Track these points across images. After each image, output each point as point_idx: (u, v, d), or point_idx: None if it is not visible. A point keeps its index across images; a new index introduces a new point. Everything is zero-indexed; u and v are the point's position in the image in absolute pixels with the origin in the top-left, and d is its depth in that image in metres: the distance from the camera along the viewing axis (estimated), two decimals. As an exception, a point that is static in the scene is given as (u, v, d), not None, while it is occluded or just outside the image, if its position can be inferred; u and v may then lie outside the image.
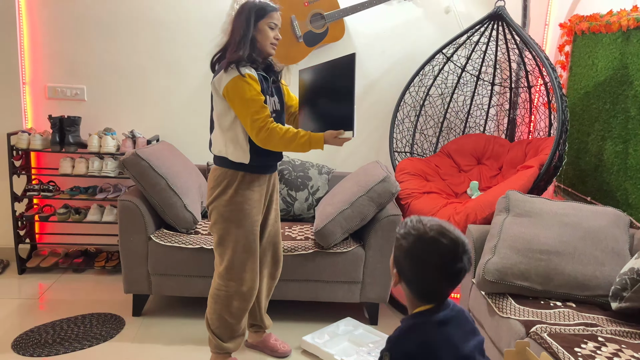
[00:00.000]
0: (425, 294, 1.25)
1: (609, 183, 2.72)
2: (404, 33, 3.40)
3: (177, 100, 3.38)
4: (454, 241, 1.20)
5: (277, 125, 2.00)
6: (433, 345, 1.19)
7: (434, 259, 1.20)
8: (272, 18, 2.06)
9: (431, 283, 1.22)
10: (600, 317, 1.99)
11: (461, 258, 1.19)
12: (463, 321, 1.27)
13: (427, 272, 1.21)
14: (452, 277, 1.21)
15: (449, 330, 1.22)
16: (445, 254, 1.19)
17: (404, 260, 1.24)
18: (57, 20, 3.21)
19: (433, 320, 1.22)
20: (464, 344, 1.23)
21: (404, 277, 1.25)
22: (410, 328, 1.23)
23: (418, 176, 3.11)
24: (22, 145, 3.08)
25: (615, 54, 2.70)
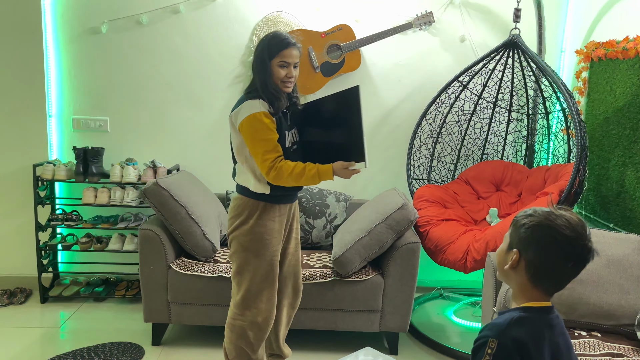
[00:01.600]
0: (545, 277, 1.20)
1: (632, 209, 2.68)
2: (419, 62, 3.44)
3: (197, 130, 3.45)
4: (582, 221, 1.19)
5: (284, 163, 2.01)
6: (542, 342, 1.16)
7: (566, 230, 1.16)
8: (282, 57, 2.03)
9: (557, 260, 1.18)
10: (626, 347, 1.94)
11: (590, 238, 1.17)
12: (566, 333, 1.24)
13: (557, 244, 1.17)
14: (580, 257, 1.17)
15: (556, 337, 1.20)
16: (576, 228, 1.17)
17: (532, 234, 1.19)
18: (82, 55, 3.33)
19: (545, 319, 1.20)
20: (562, 354, 1.21)
21: (526, 254, 1.20)
22: (522, 320, 1.18)
23: (436, 203, 3.10)
24: (47, 176, 3.16)
25: (633, 79, 2.69)
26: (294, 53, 2.06)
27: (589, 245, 1.17)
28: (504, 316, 1.20)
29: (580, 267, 1.19)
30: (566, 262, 1.18)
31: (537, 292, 1.22)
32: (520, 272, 1.23)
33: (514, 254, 1.22)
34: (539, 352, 1.15)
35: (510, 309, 1.24)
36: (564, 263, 1.18)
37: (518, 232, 1.23)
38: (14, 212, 3.36)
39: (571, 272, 1.20)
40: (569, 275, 1.20)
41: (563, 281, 1.21)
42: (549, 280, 1.21)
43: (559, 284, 1.21)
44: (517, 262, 1.22)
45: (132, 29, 3.32)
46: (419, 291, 3.49)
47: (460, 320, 3.19)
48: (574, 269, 1.19)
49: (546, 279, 1.21)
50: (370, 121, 3.49)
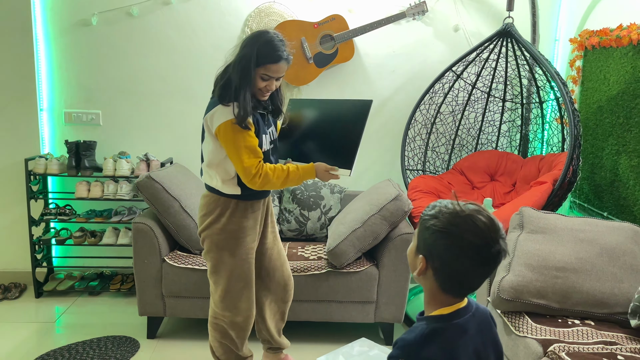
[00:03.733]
0: (455, 283, 1.13)
1: (625, 198, 2.68)
2: (413, 52, 3.43)
3: (190, 123, 3.42)
4: (491, 220, 1.11)
5: (267, 168, 1.95)
6: (455, 354, 1.10)
7: (471, 237, 1.08)
8: (267, 70, 1.92)
9: (465, 268, 1.10)
10: (619, 335, 1.95)
11: (498, 240, 1.09)
12: (486, 328, 1.19)
13: (463, 253, 1.09)
14: (489, 261, 1.10)
15: (472, 339, 1.13)
16: (483, 232, 1.08)
17: (436, 241, 1.11)
18: (73, 48, 3.30)
19: (455, 326, 1.12)
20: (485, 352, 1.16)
21: (433, 262, 1.13)
22: (432, 334, 1.10)
23: (431, 194, 3.10)
24: (40, 170, 3.14)
25: (627, 67, 2.68)
26: (282, 67, 1.94)
27: (497, 249, 1.09)
28: (415, 329, 1.13)
29: (492, 268, 1.12)
30: (475, 269, 1.10)
31: (448, 298, 1.15)
32: (429, 279, 1.15)
33: (420, 260, 1.15)
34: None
35: (423, 317, 1.17)
36: (473, 270, 1.10)
37: (424, 235, 1.15)
38: (7, 207, 3.34)
39: (482, 275, 1.13)
40: (481, 278, 1.13)
41: (474, 285, 1.14)
42: (458, 286, 1.14)
43: (471, 288, 1.14)
44: (425, 269, 1.15)
45: (123, 21, 3.29)
46: (413, 282, 3.50)
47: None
48: (486, 272, 1.12)
49: (456, 285, 1.14)
50: (364, 112, 3.48)
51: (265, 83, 1.95)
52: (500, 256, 1.10)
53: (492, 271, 1.13)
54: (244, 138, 1.91)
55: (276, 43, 1.92)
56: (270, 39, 1.91)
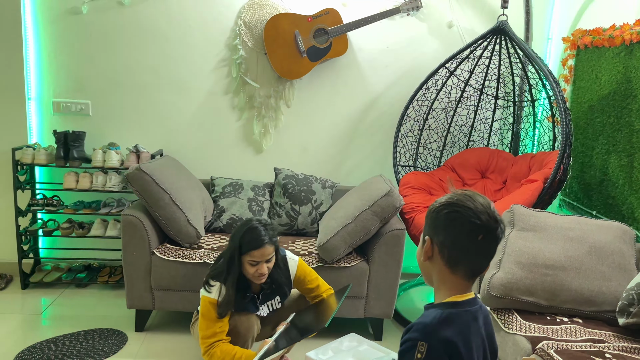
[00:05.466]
0: (460, 256, 1.17)
1: (614, 197, 2.70)
2: (407, 48, 3.42)
3: (181, 115, 3.39)
4: (484, 197, 1.20)
5: (218, 350, 2.08)
6: (469, 337, 1.14)
7: (470, 204, 1.16)
8: (252, 256, 2.07)
9: (468, 236, 1.16)
10: (607, 333, 1.97)
11: (494, 211, 1.17)
12: (489, 323, 1.24)
13: (463, 219, 1.16)
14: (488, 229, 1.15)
15: (480, 329, 1.19)
16: (481, 203, 1.17)
17: (438, 215, 1.20)
18: (62, 36, 3.24)
19: (468, 313, 1.17)
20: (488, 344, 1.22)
21: (437, 237, 1.19)
22: (448, 318, 1.14)
23: (422, 190, 3.10)
24: (27, 160, 3.09)
25: (618, 67, 2.70)
26: (266, 251, 2.08)
27: (493, 214, 1.16)
28: (430, 314, 1.16)
29: (492, 241, 1.17)
30: (475, 235, 1.15)
31: (457, 280, 1.19)
32: (436, 260, 1.20)
33: (426, 242, 1.21)
34: (468, 349, 1.13)
35: (434, 304, 1.20)
36: (474, 236, 1.15)
37: (428, 220, 1.23)
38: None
39: (484, 247, 1.17)
40: (484, 251, 1.18)
41: (479, 259, 1.18)
42: (464, 260, 1.18)
43: (476, 264, 1.18)
44: (432, 250, 1.20)
45: (114, 9, 3.24)
46: (403, 277, 3.51)
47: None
48: (486, 242, 1.16)
49: (461, 258, 1.18)
50: (357, 107, 3.47)
51: (254, 268, 2.10)
52: (498, 224, 1.16)
53: (493, 244, 1.17)
54: (209, 313, 2.10)
55: (259, 230, 2.07)
56: (254, 227, 2.08)
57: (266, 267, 2.11)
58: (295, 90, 3.41)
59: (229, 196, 3.10)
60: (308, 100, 3.43)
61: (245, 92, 3.38)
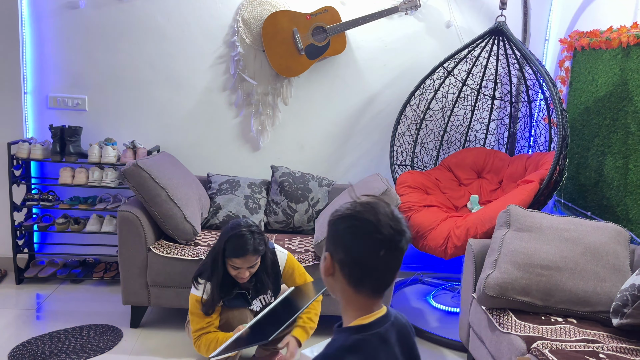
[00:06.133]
0: (362, 274, 1.06)
1: (609, 198, 2.72)
2: (405, 47, 3.42)
3: (178, 111, 3.39)
4: (388, 205, 1.09)
5: (203, 338, 2.15)
6: None
7: (368, 215, 1.05)
8: (233, 262, 2.11)
9: (368, 252, 1.04)
10: (601, 333, 1.99)
11: (396, 221, 1.05)
12: (404, 337, 1.15)
13: (361, 231, 1.05)
14: (390, 243, 1.04)
15: (392, 348, 1.10)
16: (380, 212, 1.05)
17: (337, 228, 1.08)
18: (59, 31, 3.23)
19: (376, 335, 1.07)
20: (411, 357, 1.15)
21: (337, 254, 1.08)
22: (353, 346, 1.04)
23: (418, 189, 3.11)
24: (23, 155, 3.08)
25: (615, 70, 2.72)
26: (248, 260, 2.10)
27: (397, 225, 1.05)
28: (335, 342, 1.07)
29: (396, 254, 1.06)
30: (377, 250, 1.04)
31: (363, 299, 1.09)
32: (338, 278, 1.09)
33: (326, 257, 1.10)
34: None
35: (342, 328, 1.10)
36: (375, 251, 1.04)
37: (327, 233, 1.11)
38: (-12, 191, 3.28)
39: (387, 262, 1.06)
40: (387, 267, 1.07)
41: (382, 275, 1.07)
42: (367, 277, 1.07)
43: (380, 280, 1.08)
44: (332, 267, 1.09)
45: (111, 4, 3.22)
46: (398, 276, 3.52)
47: (439, 305, 3.22)
48: (391, 256, 1.06)
49: (363, 276, 1.07)
50: (354, 105, 3.47)
51: (235, 272, 2.13)
52: (400, 236, 1.05)
53: (397, 257, 1.07)
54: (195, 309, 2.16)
55: (245, 238, 2.07)
56: (241, 234, 2.07)
57: (248, 272, 2.14)
58: (292, 88, 3.41)
59: (225, 193, 3.10)
60: (305, 98, 3.44)
61: (242, 89, 3.37)
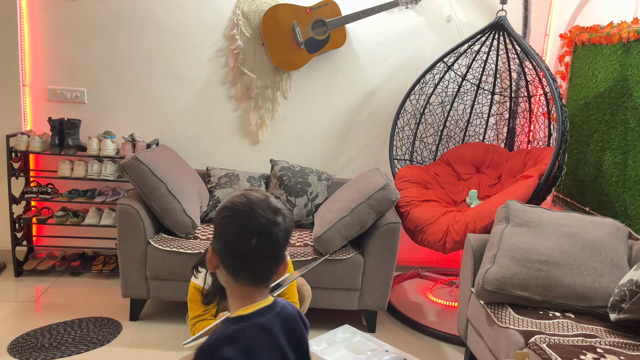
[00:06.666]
0: (238, 263, 1.09)
1: (607, 194, 2.73)
2: (405, 41, 3.42)
3: (178, 104, 3.38)
4: (264, 195, 1.12)
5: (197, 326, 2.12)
6: (256, 353, 1.07)
7: (240, 206, 1.08)
8: None
9: (240, 240, 1.07)
10: (599, 328, 2.00)
11: (271, 209, 1.08)
12: (292, 328, 1.16)
13: (234, 222, 1.08)
14: (261, 230, 1.07)
15: (275, 338, 1.11)
16: (251, 200, 1.09)
17: (217, 228, 1.11)
18: (58, 23, 3.21)
19: (256, 325, 1.09)
20: (289, 351, 1.14)
21: (217, 246, 1.10)
22: (231, 336, 1.06)
23: (417, 184, 3.11)
24: (21, 147, 3.07)
25: (615, 65, 2.72)
26: None
27: (267, 214, 1.07)
28: (214, 334, 1.08)
29: (271, 242, 1.08)
30: (248, 239, 1.06)
31: (243, 288, 1.11)
32: (221, 270, 1.11)
33: (209, 251, 1.13)
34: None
35: (225, 319, 1.12)
36: (247, 240, 1.07)
37: (214, 233, 1.14)
38: (-13, 184, 3.27)
39: (262, 251, 1.08)
40: (263, 256, 1.09)
41: (259, 265, 1.10)
42: (243, 267, 1.09)
43: (257, 269, 1.10)
44: (214, 259, 1.11)
45: (111, -3, 3.21)
46: (397, 270, 3.53)
47: (437, 299, 3.24)
48: (263, 245, 1.08)
49: (241, 266, 1.09)
50: (354, 100, 3.47)
51: None
52: (275, 227, 1.08)
53: (270, 248, 1.09)
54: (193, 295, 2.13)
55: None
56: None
57: None
58: (292, 82, 3.40)
59: (224, 187, 3.10)
60: (305, 92, 3.43)
61: (242, 83, 3.36)
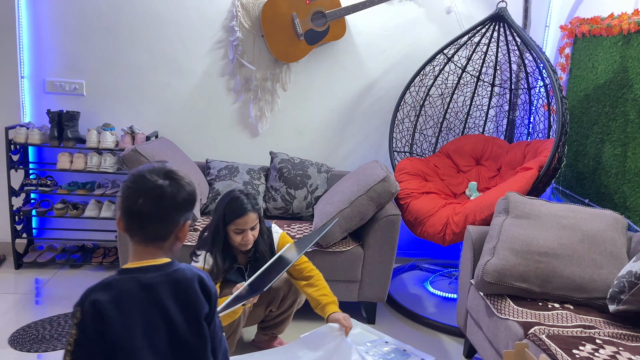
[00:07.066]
0: (130, 221, 1.20)
1: (607, 186, 2.73)
2: (405, 33, 3.40)
3: (176, 96, 3.37)
4: (158, 163, 1.24)
5: None
6: (128, 304, 1.15)
7: (132, 177, 1.20)
8: (236, 225, 2.09)
9: (129, 199, 1.19)
10: (597, 319, 2.01)
11: (157, 181, 1.18)
12: (182, 290, 1.21)
13: (126, 184, 1.20)
14: (147, 192, 1.18)
15: (157, 296, 1.18)
16: (141, 167, 1.21)
17: (120, 190, 1.25)
18: (56, 15, 3.19)
19: (134, 280, 1.17)
20: (173, 312, 1.19)
21: (119, 210, 1.23)
22: (108, 283, 1.17)
23: (417, 176, 3.11)
24: (20, 140, 3.06)
25: (615, 57, 2.71)
26: (250, 219, 2.10)
27: (153, 178, 1.18)
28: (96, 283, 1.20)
29: (155, 203, 1.18)
30: (136, 199, 1.17)
31: (136, 246, 1.22)
32: (123, 231, 1.24)
33: (118, 217, 1.24)
34: (122, 313, 1.14)
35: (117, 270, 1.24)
36: (135, 199, 1.17)
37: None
38: (-14, 176, 3.27)
39: (150, 211, 1.18)
40: (151, 216, 1.18)
41: (148, 224, 1.19)
42: (134, 225, 1.20)
43: (147, 228, 1.20)
44: (120, 222, 1.22)
45: (109, -12, 3.19)
46: (397, 262, 3.54)
47: (437, 291, 3.25)
48: (150, 206, 1.18)
49: (131, 223, 1.20)
50: (353, 92, 3.46)
51: (240, 236, 2.12)
52: (159, 189, 1.18)
53: (158, 210, 1.18)
54: None
55: (241, 199, 2.11)
56: (236, 196, 2.12)
57: (251, 235, 2.14)
58: (291, 74, 3.39)
59: (224, 179, 3.10)
60: (305, 84, 3.42)
61: (241, 75, 3.35)
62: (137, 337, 1.16)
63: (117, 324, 1.13)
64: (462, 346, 2.63)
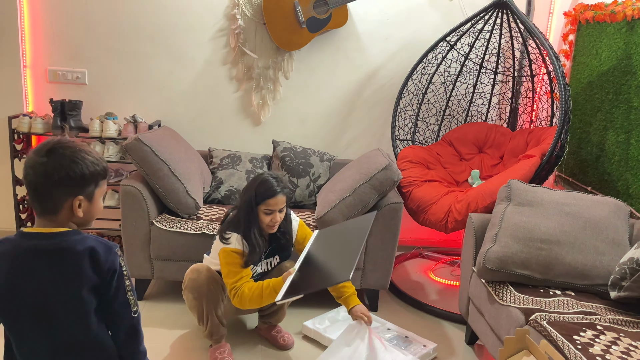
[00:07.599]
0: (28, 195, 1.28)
1: (610, 173, 2.73)
2: (407, 20, 3.38)
3: (179, 85, 3.37)
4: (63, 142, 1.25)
5: (246, 288, 2.08)
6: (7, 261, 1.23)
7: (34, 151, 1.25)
8: (267, 205, 2.13)
9: (24, 177, 1.25)
10: (599, 305, 2.02)
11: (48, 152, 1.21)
12: (68, 257, 1.23)
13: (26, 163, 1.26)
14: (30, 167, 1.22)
15: (25, 255, 1.22)
16: (42, 147, 1.23)
17: None
18: (58, 3, 3.18)
19: (17, 243, 1.23)
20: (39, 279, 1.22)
21: None
22: (2, 240, 1.25)
23: (419, 164, 3.12)
24: (24, 129, 3.07)
25: (619, 43, 2.69)
26: (280, 200, 2.16)
27: (34, 154, 1.22)
28: None
29: (31, 177, 1.22)
30: (24, 173, 1.23)
31: (36, 215, 1.28)
32: None
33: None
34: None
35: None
36: (24, 174, 1.24)
37: None
38: (-10, 166, 3.28)
39: (28, 183, 1.23)
40: (29, 187, 1.23)
41: (31, 196, 1.24)
42: (28, 196, 1.29)
43: (32, 200, 1.24)
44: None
45: (110, -24, 3.18)
46: (399, 250, 3.55)
47: (439, 278, 3.26)
48: (29, 178, 1.23)
49: (28, 195, 1.28)
50: (356, 79, 3.45)
51: (269, 217, 2.17)
52: (35, 166, 1.20)
53: (34, 183, 1.21)
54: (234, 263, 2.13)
55: (271, 181, 2.17)
56: (266, 178, 2.18)
57: (279, 216, 2.18)
58: (294, 62, 3.38)
59: (227, 168, 3.10)
60: (307, 72, 3.41)
61: (243, 63, 3.35)
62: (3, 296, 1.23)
63: None
64: (464, 333, 2.65)
